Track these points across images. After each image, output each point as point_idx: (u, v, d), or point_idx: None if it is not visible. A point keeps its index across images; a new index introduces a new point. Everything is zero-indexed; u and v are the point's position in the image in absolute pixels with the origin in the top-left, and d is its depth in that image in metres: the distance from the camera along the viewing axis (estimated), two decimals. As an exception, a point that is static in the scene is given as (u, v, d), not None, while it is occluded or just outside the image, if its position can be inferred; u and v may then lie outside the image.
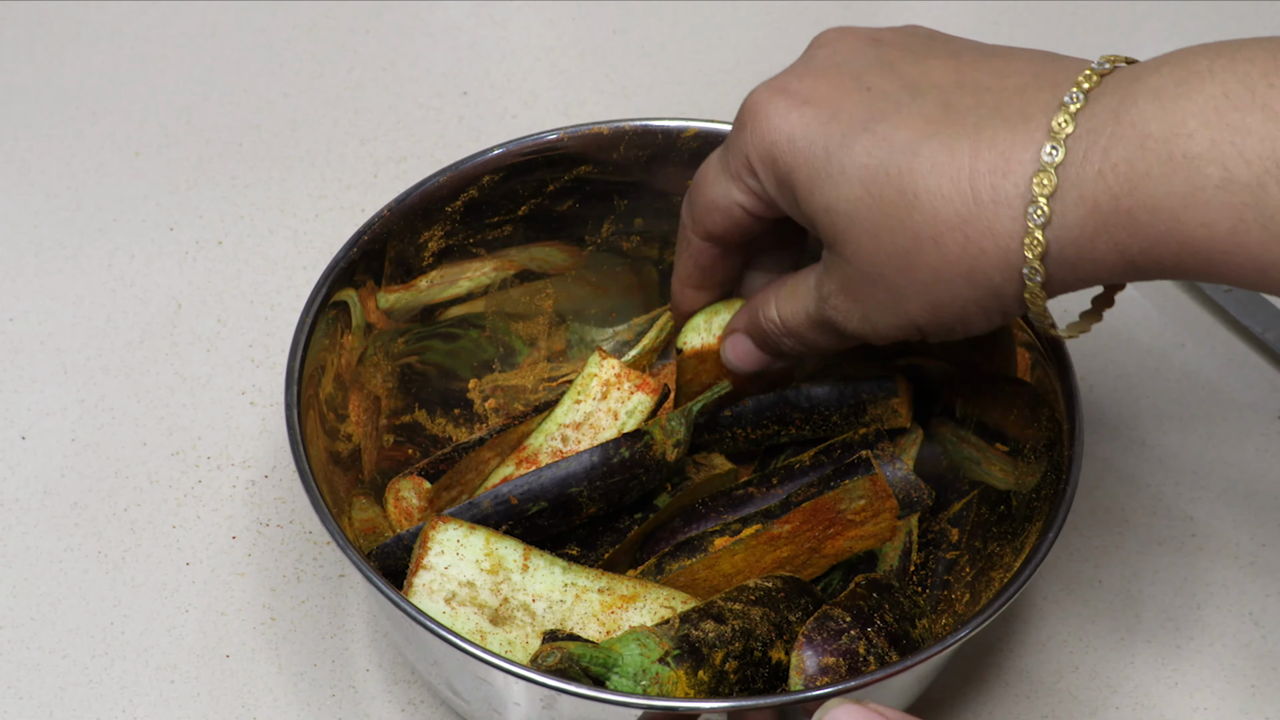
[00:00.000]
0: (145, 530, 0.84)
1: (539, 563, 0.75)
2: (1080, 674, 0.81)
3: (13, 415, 0.88)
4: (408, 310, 0.84)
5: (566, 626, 0.75)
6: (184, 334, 0.92)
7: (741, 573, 0.78)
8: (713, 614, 0.73)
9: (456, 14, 1.09)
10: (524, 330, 0.89)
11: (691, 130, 0.85)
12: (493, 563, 0.75)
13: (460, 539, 0.74)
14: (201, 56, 1.04)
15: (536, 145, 0.84)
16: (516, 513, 0.77)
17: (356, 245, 0.80)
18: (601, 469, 0.77)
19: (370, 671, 0.80)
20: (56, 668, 0.79)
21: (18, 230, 0.95)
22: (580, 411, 0.83)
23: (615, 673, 0.70)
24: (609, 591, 0.75)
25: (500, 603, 0.74)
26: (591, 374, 0.83)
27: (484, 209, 0.85)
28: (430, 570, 0.74)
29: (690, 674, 0.70)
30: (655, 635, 0.71)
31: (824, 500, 0.77)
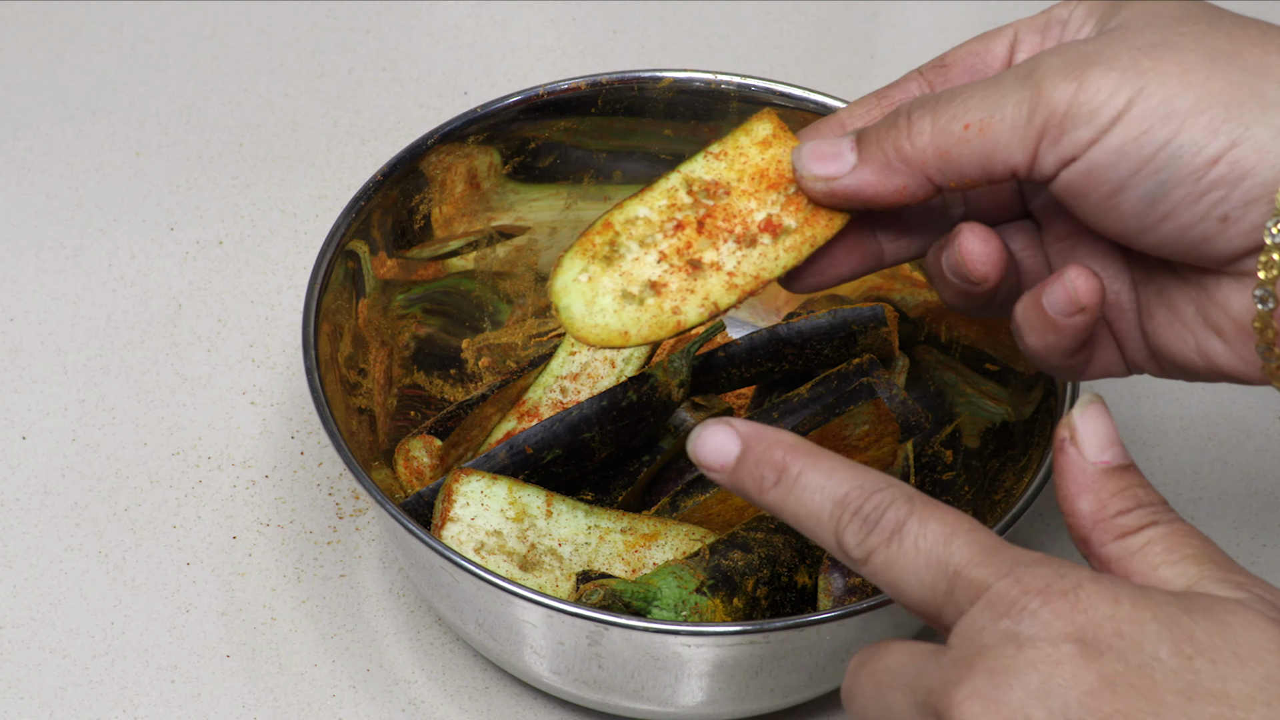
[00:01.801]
0: (145, 530, 0.84)
1: (562, 508, 0.77)
2: (1080, 674, 0.81)
3: (13, 415, 0.88)
4: (407, 272, 0.85)
5: (594, 567, 0.76)
6: (184, 334, 0.92)
7: (753, 507, 0.79)
8: (738, 544, 0.75)
9: (456, 14, 1.08)
10: (510, 288, 0.89)
11: (666, 80, 0.86)
12: (517, 511, 0.76)
13: (484, 489, 0.76)
14: (201, 56, 1.04)
15: (521, 102, 0.86)
16: (532, 462, 0.79)
17: (356, 210, 0.82)
18: (611, 413, 0.79)
19: (370, 672, 0.80)
20: (56, 668, 0.79)
21: (18, 230, 0.95)
22: (576, 363, 0.84)
23: (656, 605, 0.72)
24: (631, 531, 0.77)
25: (528, 549, 0.76)
26: None
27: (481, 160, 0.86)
28: (457, 522, 0.75)
29: (726, 602, 0.73)
30: (689, 567, 0.73)
31: (829, 428, 0.78)
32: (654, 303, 0.66)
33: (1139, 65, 0.59)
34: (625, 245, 0.66)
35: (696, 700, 0.74)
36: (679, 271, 0.66)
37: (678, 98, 0.86)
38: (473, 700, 0.79)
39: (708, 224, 0.67)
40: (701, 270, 0.66)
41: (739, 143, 0.68)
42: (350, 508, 0.85)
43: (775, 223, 0.67)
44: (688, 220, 0.67)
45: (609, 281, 0.66)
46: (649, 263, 0.66)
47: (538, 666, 0.74)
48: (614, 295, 0.66)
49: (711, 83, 0.86)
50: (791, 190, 0.67)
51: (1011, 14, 1.10)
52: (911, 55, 1.08)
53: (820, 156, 0.65)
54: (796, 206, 0.67)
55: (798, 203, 0.67)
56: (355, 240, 0.81)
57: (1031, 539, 0.86)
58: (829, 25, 1.09)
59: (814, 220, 0.67)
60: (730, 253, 0.66)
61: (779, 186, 0.67)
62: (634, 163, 0.88)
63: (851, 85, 1.06)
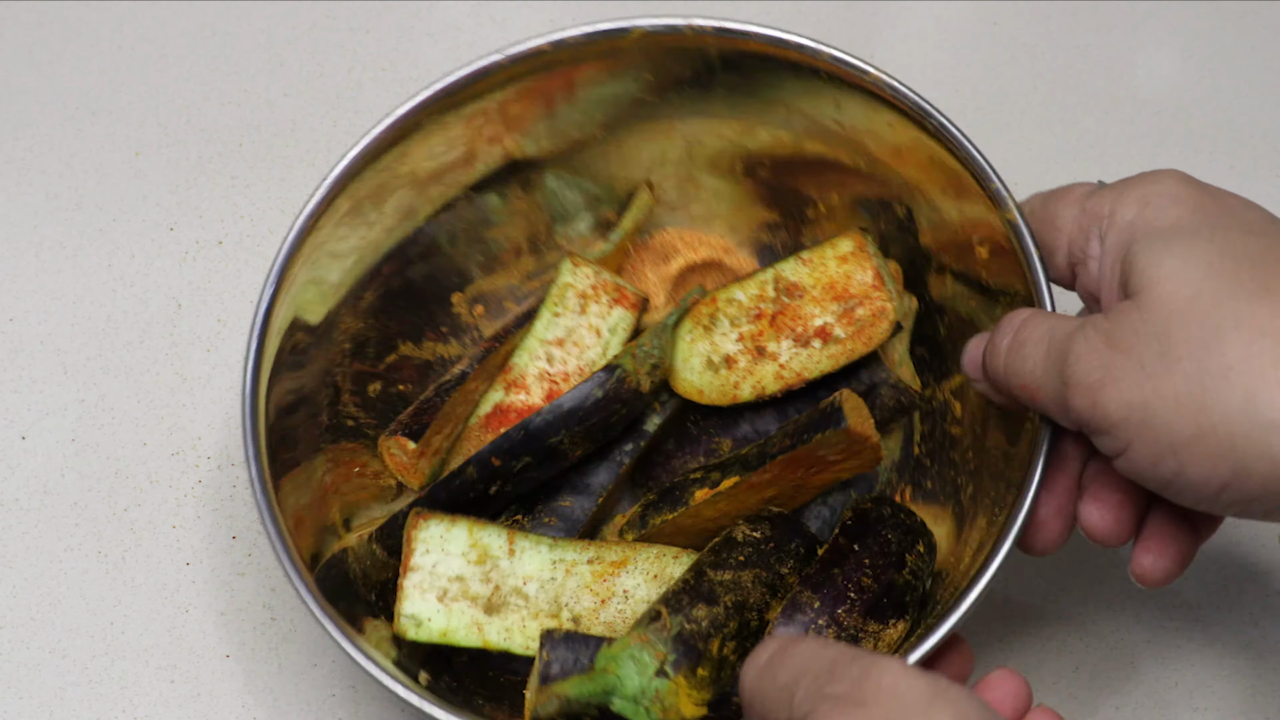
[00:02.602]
0: (145, 530, 0.84)
1: (524, 545, 0.76)
2: (1080, 674, 0.81)
3: (13, 415, 0.88)
4: (370, 252, 0.84)
5: (560, 603, 0.75)
6: (184, 334, 0.92)
7: (725, 515, 0.78)
8: (703, 594, 0.72)
9: (456, 14, 1.08)
10: (500, 234, 0.88)
11: (638, 31, 0.83)
12: (479, 553, 0.75)
13: (443, 534, 0.75)
14: (201, 56, 1.04)
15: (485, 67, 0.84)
16: (503, 473, 0.77)
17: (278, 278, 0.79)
18: (577, 414, 0.77)
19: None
20: (56, 668, 0.79)
21: (18, 230, 0.95)
22: (561, 326, 0.82)
23: (617, 697, 0.70)
24: (598, 560, 0.76)
25: (492, 591, 0.75)
26: (566, 284, 0.83)
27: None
28: (418, 570, 0.75)
29: (689, 675, 0.70)
30: (650, 645, 0.71)
31: (799, 453, 0.77)
32: (725, 374, 0.80)
33: (1143, 393, 0.65)
34: (720, 320, 0.81)
35: None
36: (748, 353, 0.80)
37: (650, 47, 0.83)
38: (472, 700, 0.79)
39: (779, 319, 0.80)
40: (763, 357, 0.80)
41: (824, 254, 0.80)
42: (350, 508, 0.85)
43: (828, 331, 0.79)
44: (766, 312, 0.80)
45: (703, 346, 0.81)
46: (731, 339, 0.81)
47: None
48: (702, 359, 0.81)
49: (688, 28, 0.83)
50: (851, 305, 0.79)
51: (1011, 14, 1.10)
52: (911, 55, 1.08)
53: (969, 360, 0.75)
54: (849, 320, 0.79)
55: (850, 317, 0.79)
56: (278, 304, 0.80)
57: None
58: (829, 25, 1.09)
59: (858, 336, 0.79)
60: (787, 349, 0.80)
61: (842, 299, 0.79)
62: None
63: (851, 85, 1.06)
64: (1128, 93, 1.07)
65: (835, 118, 0.83)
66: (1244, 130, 1.05)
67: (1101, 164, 1.03)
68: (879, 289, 0.79)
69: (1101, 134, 1.05)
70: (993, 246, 0.78)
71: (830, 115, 0.83)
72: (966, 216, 0.80)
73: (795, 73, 0.83)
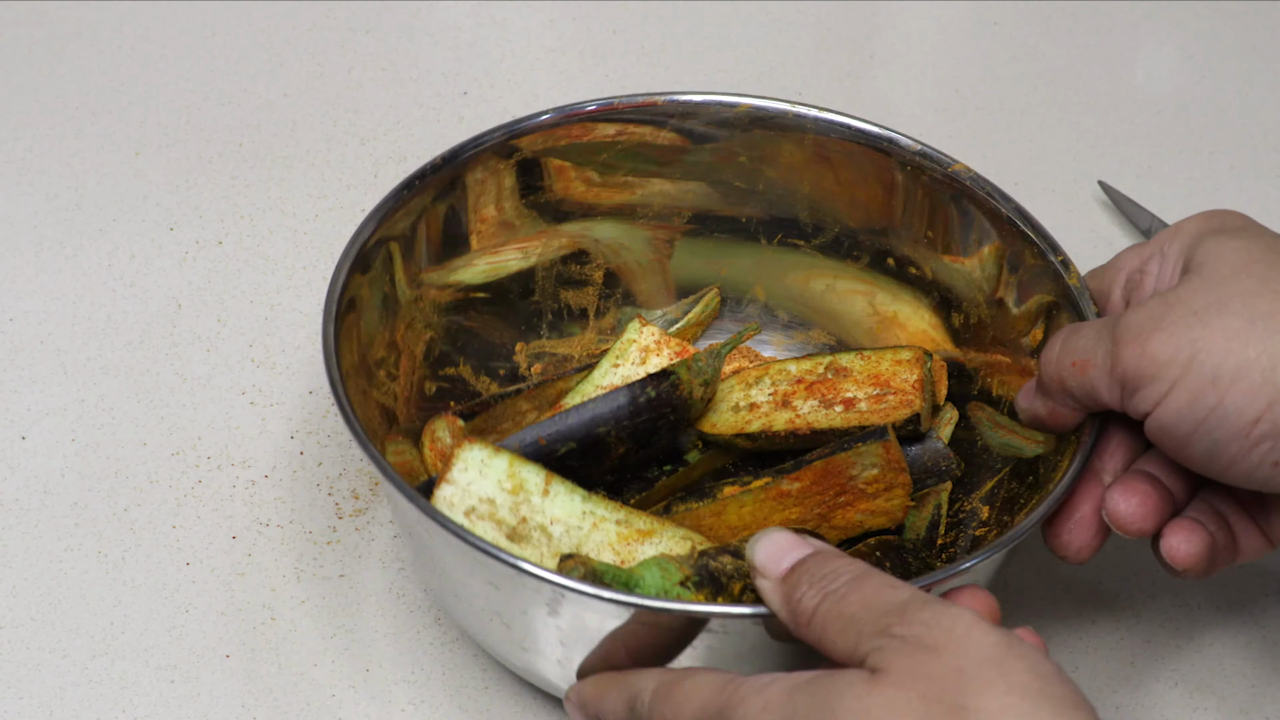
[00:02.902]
0: (145, 530, 0.84)
1: (559, 489, 0.77)
2: (1080, 674, 0.81)
3: (13, 415, 0.88)
4: (451, 271, 0.85)
5: (582, 553, 0.76)
6: (184, 334, 0.92)
7: (749, 527, 0.79)
8: (730, 550, 0.74)
9: (456, 14, 1.09)
10: (574, 299, 0.90)
11: (744, 106, 0.86)
12: (514, 483, 0.76)
13: (485, 459, 0.76)
14: (201, 56, 1.04)
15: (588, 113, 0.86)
16: (545, 453, 0.79)
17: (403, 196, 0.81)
18: (629, 409, 0.79)
19: (370, 672, 0.80)
20: (56, 668, 0.79)
21: (18, 230, 0.95)
22: (619, 375, 0.85)
23: (636, 592, 0.71)
24: (626, 524, 0.77)
25: (519, 521, 0.76)
26: (630, 339, 0.85)
27: (536, 171, 0.86)
28: (452, 484, 0.76)
29: (710, 599, 0.71)
30: (676, 561, 0.72)
31: (835, 461, 0.78)
32: (743, 414, 0.83)
33: (1192, 333, 0.68)
34: (764, 381, 0.84)
35: None
36: (773, 403, 0.83)
37: (753, 127, 0.86)
38: (473, 700, 0.79)
39: (815, 387, 0.83)
40: (785, 408, 0.83)
41: (883, 354, 0.83)
42: (350, 508, 0.85)
43: (853, 402, 0.82)
44: (807, 381, 0.83)
45: (737, 395, 0.84)
46: (765, 394, 0.83)
47: (501, 637, 0.74)
48: (731, 404, 0.83)
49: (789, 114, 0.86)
50: (885, 392, 0.82)
51: (1011, 14, 1.10)
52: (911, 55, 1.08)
53: (1023, 392, 0.78)
54: (876, 401, 0.82)
55: (879, 400, 0.82)
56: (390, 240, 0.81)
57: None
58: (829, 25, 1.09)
59: (876, 413, 0.82)
60: (810, 406, 0.83)
61: (880, 386, 0.82)
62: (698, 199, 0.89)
63: (851, 85, 1.06)
64: (1128, 93, 1.07)
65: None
66: (1244, 130, 1.06)
67: (1101, 164, 1.03)
68: (916, 391, 0.82)
69: (1101, 134, 1.05)
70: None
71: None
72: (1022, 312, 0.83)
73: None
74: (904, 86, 1.07)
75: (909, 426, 0.81)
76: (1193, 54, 1.09)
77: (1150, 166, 1.03)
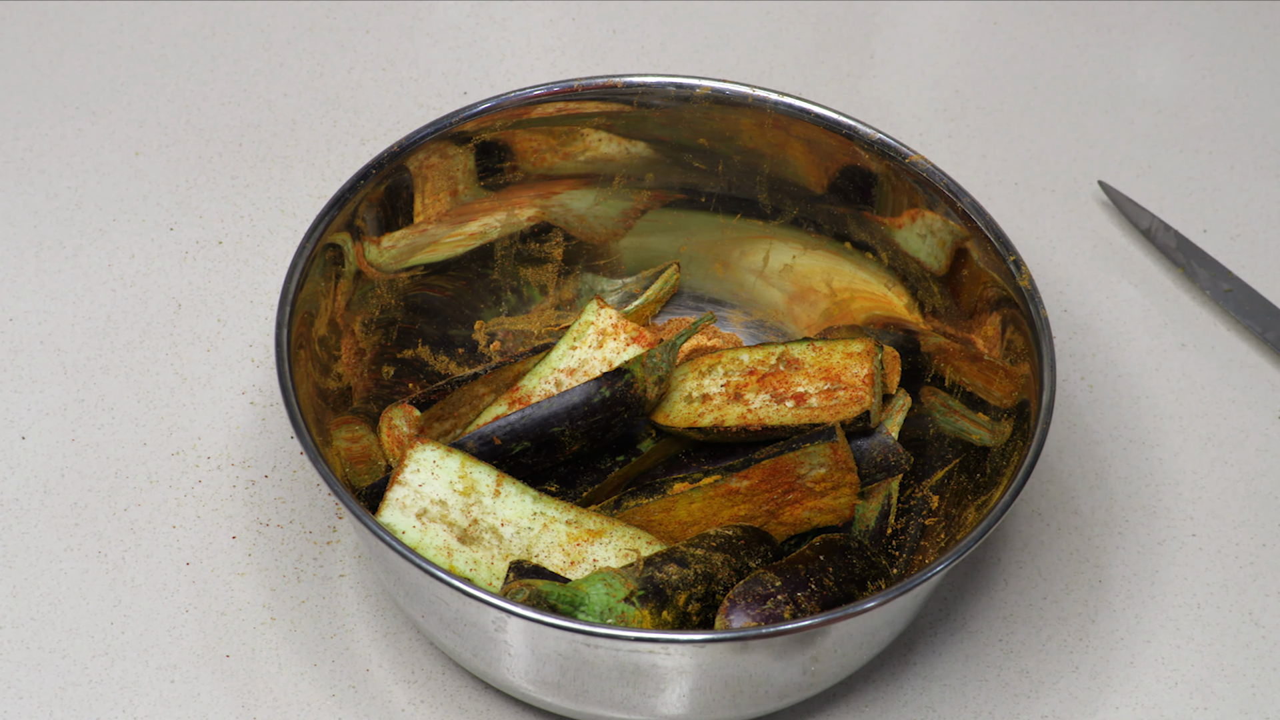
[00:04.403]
0: (145, 530, 0.84)
1: (510, 490, 0.77)
2: (1080, 674, 0.81)
3: (13, 415, 0.88)
4: (408, 254, 0.86)
5: (532, 554, 0.76)
6: (184, 334, 0.92)
7: (698, 523, 0.79)
8: (675, 558, 0.75)
9: (456, 14, 1.08)
10: (533, 276, 0.90)
11: (705, 89, 0.87)
12: (466, 485, 0.77)
13: (437, 460, 0.77)
14: (201, 56, 1.04)
15: (550, 94, 0.86)
16: (500, 452, 0.79)
17: (357, 189, 0.82)
18: (583, 408, 0.80)
19: (370, 671, 0.80)
20: (56, 668, 0.79)
21: (18, 230, 0.95)
22: (575, 358, 0.84)
23: (581, 611, 0.71)
24: (576, 525, 0.77)
25: (470, 523, 0.76)
26: (588, 321, 0.85)
27: (495, 153, 0.87)
28: (404, 486, 0.76)
29: (654, 614, 0.72)
30: (621, 576, 0.73)
31: (784, 461, 0.79)
32: (696, 405, 0.83)
33: None
34: (717, 370, 0.83)
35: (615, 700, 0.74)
36: (725, 396, 0.82)
37: (712, 109, 0.87)
38: (472, 700, 0.79)
39: (767, 379, 0.83)
40: (737, 401, 0.82)
41: (834, 346, 0.83)
42: (350, 508, 0.85)
43: (804, 398, 0.82)
44: (760, 372, 0.83)
45: (690, 385, 0.83)
46: (718, 385, 0.83)
47: (456, 645, 0.75)
48: (684, 394, 0.83)
49: (749, 97, 0.87)
50: (835, 387, 0.82)
51: (1011, 14, 1.10)
52: (911, 55, 1.08)
53: None
54: (827, 397, 0.81)
55: (830, 395, 0.82)
56: (343, 228, 0.82)
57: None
58: (829, 25, 1.09)
59: (827, 410, 0.81)
60: (761, 401, 0.82)
61: (830, 380, 0.82)
62: (665, 168, 0.89)
63: (851, 85, 1.06)
64: (1128, 93, 1.07)
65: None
66: (1244, 130, 1.05)
67: (1101, 164, 1.03)
68: (866, 386, 0.82)
69: (1101, 134, 1.05)
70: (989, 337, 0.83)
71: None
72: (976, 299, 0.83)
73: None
74: (904, 86, 1.07)
75: (859, 424, 0.82)
76: (1193, 54, 1.09)
77: (1150, 166, 1.03)
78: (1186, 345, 0.94)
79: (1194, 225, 1.00)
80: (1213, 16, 1.11)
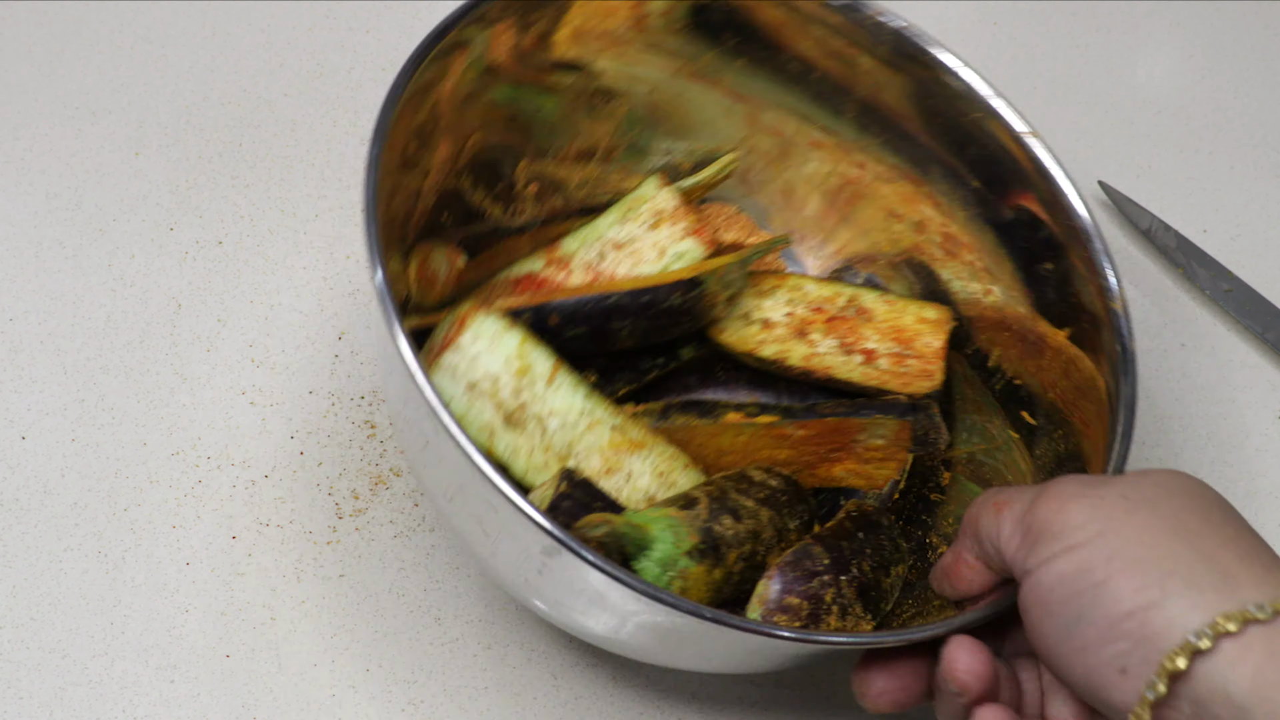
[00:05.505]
0: (145, 530, 0.84)
1: (564, 380, 0.74)
2: (1080, 674, 0.81)
3: (13, 415, 0.88)
4: (529, 61, 0.81)
5: (571, 450, 0.74)
6: (184, 334, 0.92)
7: (735, 455, 0.78)
8: (729, 507, 0.73)
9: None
10: (590, 126, 0.86)
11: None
12: (522, 364, 0.74)
13: (497, 332, 0.73)
14: (201, 56, 1.04)
15: None
16: (552, 332, 0.76)
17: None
18: (650, 310, 0.76)
19: (370, 671, 0.80)
20: (56, 668, 0.79)
21: (18, 230, 0.95)
22: (625, 232, 0.81)
23: (646, 557, 0.70)
24: (621, 431, 0.75)
25: (517, 406, 0.73)
26: (645, 197, 0.81)
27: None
28: (458, 351, 0.73)
29: (708, 571, 0.71)
30: (687, 524, 0.71)
31: (849, 423, 0.77)
32: (755, 329, 0.79)
33: (1115, 512, 0.66)
34: (779, 293, 0.80)
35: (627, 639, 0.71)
36: (789, 328, 0.79)
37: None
38: (472, 700, 0.79)
39: (835, 323, 0.80)
40: (801, 339, 0.79)
41: (909, 306, 0.80)
42: (350, 508, 0.85)
43: (874, 355, 0.79)
44: (827, 311, 0.80)
45: (748, 303, 0.80)
46: (780, 311, 0.80)
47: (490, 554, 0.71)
48: (741, 313, 0.79)
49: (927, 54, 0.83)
50: (906, 354, 0.79)
51: (1011, 14, 1.10)
52: (911, 55, 1.08)
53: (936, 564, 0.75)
54: (897, 362, 0.79)
55: (900, 361, 0.79)
56: (480, 20, 0.77)
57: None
58: (829, 25, 1.09)
59: (896, 378, 0.79)
60: (828, 345, 0.79)
61: (903, 344, 0.79)
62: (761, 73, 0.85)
63: (851, 85, 1.06)
64: (1128, 93, 1.07)
65: None
66: (1244, 130, 1.05)
67: (1101, 164, 1.03)
68: (938, 361, 0.80)
69: (1101, 134, 1.05)
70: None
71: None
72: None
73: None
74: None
75: (925, 400, 0.80)
76: (1193, 54, 1.09)
77: (1150, 166, 1.03)
78: (1186, 345, 0.94)
79: (1194, 225, 1.00)
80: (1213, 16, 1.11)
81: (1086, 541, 0.65)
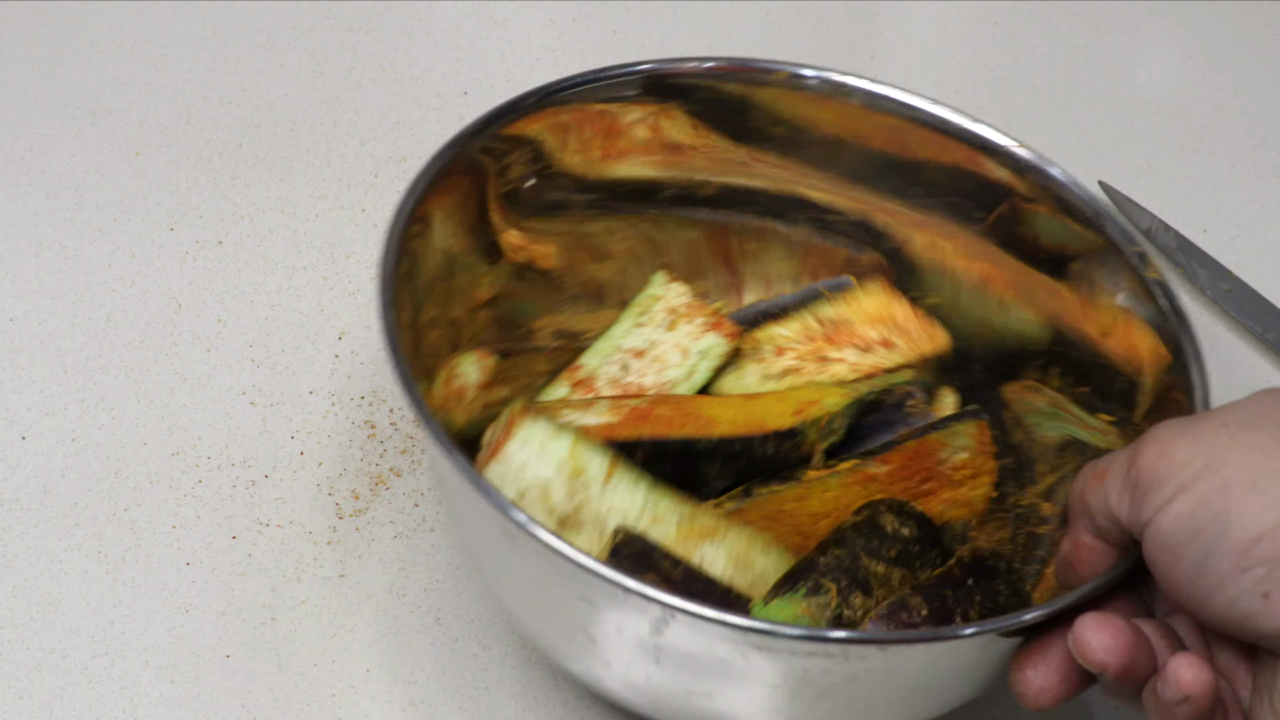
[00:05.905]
0: (145, 530, 0.84)
1: (623, 477, 0.71)
2: (1080, 674, 0.81)
3: (13, 415, 0.88)
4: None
5: None
6: (184, 334, 0.92)
7: (830, 515, 0.75)
8: (860, 580, 0.69)
9: (456, 14, 1.08)
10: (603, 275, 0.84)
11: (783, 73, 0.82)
12: (574, 468, 0.71)
13: (545, 439, 0.70)
14: (201, 56, 1.04)
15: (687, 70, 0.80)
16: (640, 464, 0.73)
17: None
18: (742, 457, 0.74)
19: (370, 671, 0.80)
20: (56, 668, 0.79)
21: (18, 230, 0.95)
22: (643, 337, 0.79)
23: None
24: (688, 521, 0.72)
25: (573, 509, 0.71)
26: (654, 296, 0.79)
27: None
28: (504, 461, 0.70)
29: None
30: (813, 615, 0.68)
31: (927, 442, 0.75)
32: (790, 379, 0.78)
33: (1217, 441, 0.64)
34: (763, 349, 0.79)
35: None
36: (811, 361, 0.79)
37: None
38: (472, 700, 0.79)
39: (833, 338, 0.79)
40: (828, 361, 0.78)
41: (849, 300, 0.79)
42: (350, 508, 0.85)
43: (888, 342, 0.79)
44: (816, 336, 0.79)
45: (752, 368, 0.79)
46: (787, 359, 0.79)
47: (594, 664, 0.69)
48: (755, 377, 0.78)
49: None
50: (898, 329, 0.79)
51: (1011, 14, 1.10)
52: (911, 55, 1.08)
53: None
54: (904, 336, 0.79)
55: (906, 335, 0.79)
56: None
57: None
58: (829, 25, 1.09)
59: (914, 348, 0.79)
60: (851, 353, 0.79)
61: (888, 323, 0.79)
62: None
63: (851, 85, 1.06)
64: (1128, 93, 1.07)
65: None
66: (1244, 130, 1.06)
67: (1101, 164, 1.03)
68: (924, 320, 0.79)
69: (1101, 134, 1.05)
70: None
71: None
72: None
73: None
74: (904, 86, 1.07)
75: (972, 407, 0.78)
76: (1193, 54, 1.09)
77: (1150, 166, 1.03)
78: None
79: (1194, 225, 1.00)
80: (1213, 16, 1.11)
81: (1196, 477, 0.63)
